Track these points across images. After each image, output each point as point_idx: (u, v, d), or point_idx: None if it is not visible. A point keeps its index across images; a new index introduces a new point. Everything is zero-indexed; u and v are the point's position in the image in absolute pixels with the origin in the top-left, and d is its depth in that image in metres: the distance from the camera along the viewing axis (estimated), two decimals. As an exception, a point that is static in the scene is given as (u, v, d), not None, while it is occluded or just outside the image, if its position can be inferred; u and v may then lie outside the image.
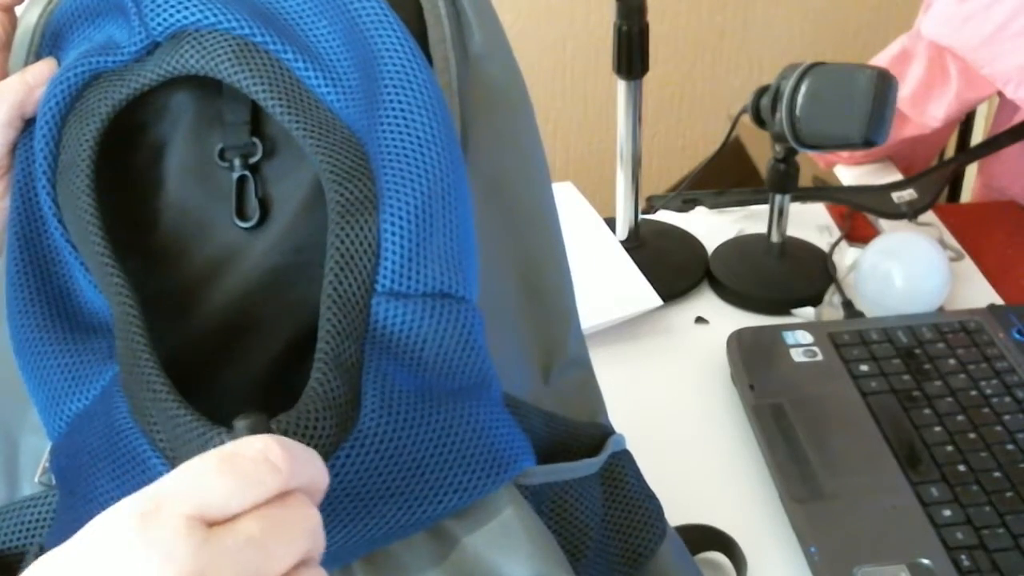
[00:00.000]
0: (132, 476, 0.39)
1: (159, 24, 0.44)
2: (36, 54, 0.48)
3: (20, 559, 0.43)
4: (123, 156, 0.46)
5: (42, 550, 0.41)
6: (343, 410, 0.39)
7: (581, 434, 0.50)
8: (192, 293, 0.45)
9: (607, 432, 0.52)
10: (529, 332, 0.49)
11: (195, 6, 0.44)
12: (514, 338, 0.47)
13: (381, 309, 0.41)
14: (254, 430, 0.34)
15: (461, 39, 0.47)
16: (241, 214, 0.46)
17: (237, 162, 0.46)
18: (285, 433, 0.37)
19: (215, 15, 0.44)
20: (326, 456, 0.37)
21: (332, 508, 0.38)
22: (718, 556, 0.66)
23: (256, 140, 0.46)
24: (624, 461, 0.51)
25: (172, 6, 0.44)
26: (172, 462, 0.38)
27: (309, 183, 0.46)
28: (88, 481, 0.40)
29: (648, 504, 0.50)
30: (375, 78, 0.43)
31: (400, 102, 0.42)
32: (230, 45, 0.43)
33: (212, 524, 0.30)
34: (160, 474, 0.35)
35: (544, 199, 0.51)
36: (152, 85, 0.45)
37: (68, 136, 0.45)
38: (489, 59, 0.48)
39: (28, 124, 0.47)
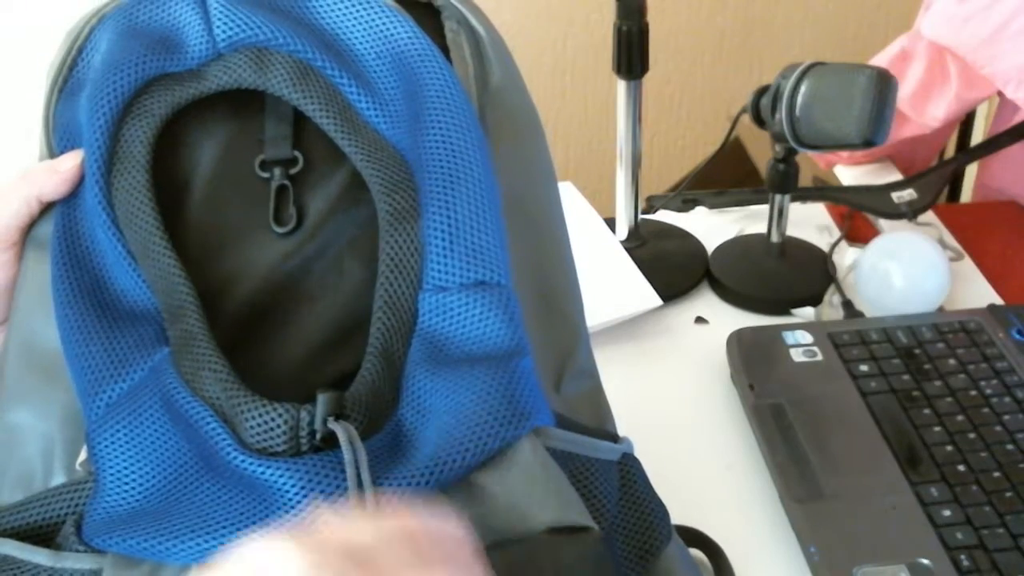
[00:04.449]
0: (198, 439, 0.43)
1: (226, 37, 0.49)
2: (79, 49, 0.51)
3: (56, 531, 0.44)
4: (160, 159, 0.49)
5: (81, 518, 0.43)
6: (386, 398, 0.44)
7: (593, 436, 0.50)
8: (221, 290, 0.48)
9: (616, 439, 0.53)
10: (542, 342, 0.50)
11: (264, 25, 0.49)
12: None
13: (426, 304, 0.45)
14: (331, 404, 0.41)
15: (483, 75, 0.52)
16: (278, 221, 0.49)
17: (277, 172, 0.49)
18: (341, 411, 0.42)
19: (281, 36, 0.49)
20: (364, 437, 0.42)
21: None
22: (702, 556, 0.65)
23: (298, 153, 0.50)
24: (633, 464, 0.52)
25: (242, 22, 0.49)
26: (232, 433, 0.42)
27: (335, 194, 0.49)
28: None
29: (655, 507, 0.51)
30: (420, 100, 0.48)
31: (441, 121, 0.47)
32: (291, 66, 0.48)
33: None
34: (219, 438, 0.42)
35: (557, 217, 0.55)
36: (207, 94, 0.49)
37: (125, 132, 0.48)
38: (506, 92, 0.53)
39: (45, 207, 0.50)
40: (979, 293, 0.92)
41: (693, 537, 0.65)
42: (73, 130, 0.50)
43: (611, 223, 0.98)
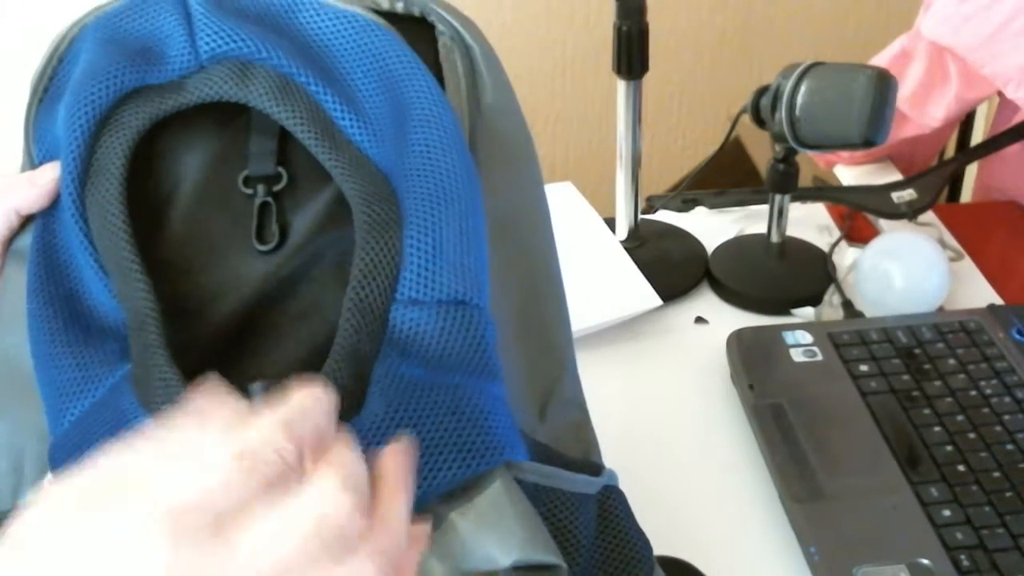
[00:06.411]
0: None
1: (210, 50, 0.48)
2: (59, 58, 0.50)
3: None
4: (144, 172, 0.48)
5: None
6: (349, 395, 0.42)
7: (575, 468, 0.50)
8: (201, 306, 0.47)
9: (601, 469, 0.52)
10: (527, 369, 0.50)
11: (247, 39, 0.48)
12: (512, 372, 0.48)
13: (399, 315, 0.44)
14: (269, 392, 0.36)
15: (475, 94, 0.51)
16: (260, 238, 0.48)
17: (260, 189, 0.49)
18: None
19: (265, 50, 0.48)
20: None
21: None
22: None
23: (282, 170, 0.49)
24: (617, 497, 0.51)
25: (226, 35, 0.48)
26: None
27: (320, 213, 0.48)
28: None
29: (638, 541, 0.50)
30: (405, 119, 0.47)
31: (426, 139, 0.47)
32: (273, 80, 0.47)
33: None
34: None
35: (546, 243, 0.54)
36: (187, 106, 0.48)
37: (101, 144, 0.47)
38: (498, 113, 0.52)
39: (25, 220, 0.49)
40: (979, 293, 0.92)
41: (679, 568, 0.64)
42: (52, 141, 0.49)
43: (611, 223, 0.98)
